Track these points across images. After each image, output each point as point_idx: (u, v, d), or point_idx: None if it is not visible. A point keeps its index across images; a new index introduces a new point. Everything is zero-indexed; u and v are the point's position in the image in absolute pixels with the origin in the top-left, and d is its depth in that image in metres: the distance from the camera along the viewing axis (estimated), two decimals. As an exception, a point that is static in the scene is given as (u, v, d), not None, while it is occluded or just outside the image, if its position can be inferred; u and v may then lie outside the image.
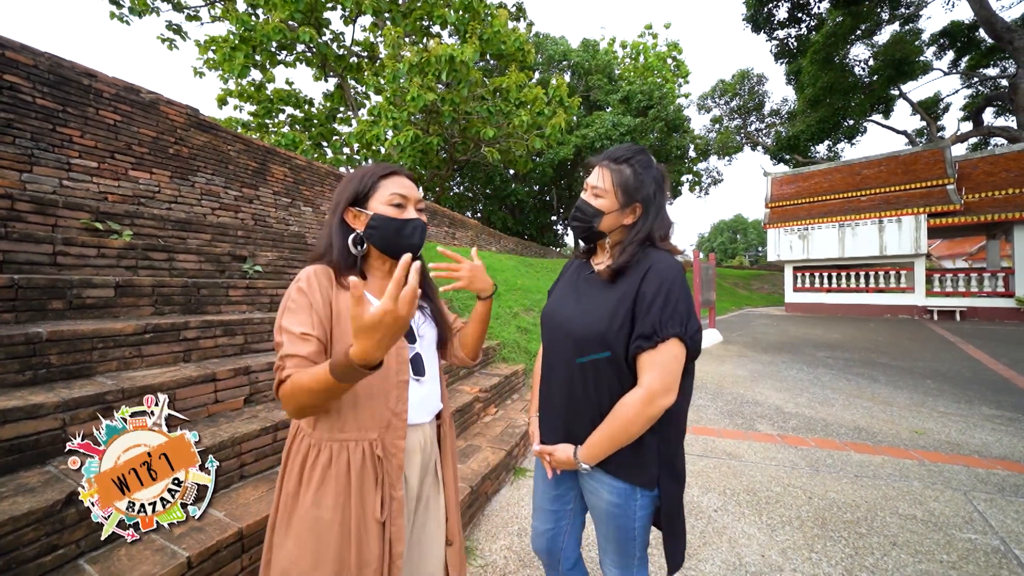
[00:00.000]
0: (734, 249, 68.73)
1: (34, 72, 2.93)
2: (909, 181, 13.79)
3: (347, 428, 0.86)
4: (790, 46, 21.16)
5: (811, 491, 2.43)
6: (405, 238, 0.94)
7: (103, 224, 2.30)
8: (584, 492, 1.10)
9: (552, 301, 1.16)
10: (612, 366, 0.96)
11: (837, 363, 6.04)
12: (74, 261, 2.00)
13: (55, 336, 1.53)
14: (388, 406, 0.89)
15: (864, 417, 3.74)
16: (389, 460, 0.88)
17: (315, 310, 0.85)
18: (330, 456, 0.85)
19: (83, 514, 1.21)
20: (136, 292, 2.00)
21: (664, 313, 0.91)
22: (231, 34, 10.99)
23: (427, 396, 0.99)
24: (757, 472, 2.67)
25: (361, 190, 0.94)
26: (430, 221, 8.77)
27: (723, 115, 26.85)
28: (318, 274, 0.89)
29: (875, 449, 3.05)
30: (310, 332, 0.83)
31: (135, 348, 1.77)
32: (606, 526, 1.05)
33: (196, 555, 1.23)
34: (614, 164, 1.01)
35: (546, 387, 1.13)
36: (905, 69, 18.41)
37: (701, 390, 4.59)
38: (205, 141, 4.16)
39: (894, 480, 2.57)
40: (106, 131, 3.32)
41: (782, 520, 2.13)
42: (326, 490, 0.83)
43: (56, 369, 1.54)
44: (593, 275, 1.09)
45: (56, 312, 1.74)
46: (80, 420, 1.41)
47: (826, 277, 14.67)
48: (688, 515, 2.17)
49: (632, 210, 1.02)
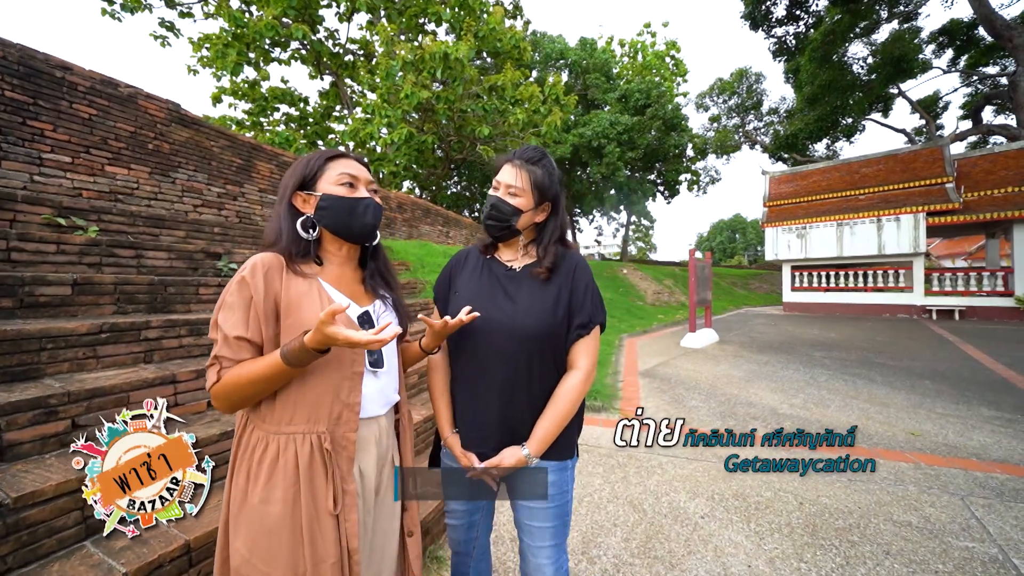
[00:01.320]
0: (733, 248, 68.75)
1: (3, 64, 2.84)
2: (908, 180, 13.71)
3: (295, 421, 0.83)
4: (788, 44, 21.07)
5: (802, 496, 2.35)
6: (358, 217, 0.92)
7: (66, 219, 2.21)
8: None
9: (467, 299, 1.07)
10: (552, 357, 1.04)
11: (834, 363, 5.97)
12: (30, 257, 1.91)
13: (-3, 336, 1.45)
14: (340, 398, 0.86)
15: (860, 418, 3.66)
16: (339, 453, 0.84)
17: (254, 306, 0.81)
18: (277, 450, 0.81)
19: (11, 527, 1.12)
20: (96, 290, 1.92)
21: (593, 303, 1.06)
22: (224, 31, 10.90)
23: (383, 388, 0.95)
24: (747, 476, 2.58)
25: (308, 173, 0.91)
26: (423, 219, 8.69)
27: (721, 114, 26.76)
28: (265, 263, 0.84)
29: (870, 452, 2.97)
30: (244, 335, 0.80)
31: (89, 348, 1.68)
32: (546, 509, 1.05)
33: (134, 571, 1.15)
34: (529, 164, 1.07)
35: (471, 394, 1.07)
36: (904, 67, 18.32)
37: (694, 390, 4.51)
38: (187, 137, 4.07)
39: (889, 484, 2.49)
40: (80, 125, 3.23)
41: (771, 527, 2.05)
42: (274, 485, 0.80)
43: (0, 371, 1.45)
44: (517, 273, 1.10)
45: (4, 311, 1.65)
46: (18, 426, 1.32)
47: (824, 276, 14.59)
48: (673, 522, 2.09)
49: (543, 208, 1.10)
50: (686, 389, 4.56)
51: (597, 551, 1.86)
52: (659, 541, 1.94)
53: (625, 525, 2.07)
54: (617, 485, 2.47)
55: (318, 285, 0.87)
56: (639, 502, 2.28)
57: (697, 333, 7.39)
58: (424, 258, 5.50)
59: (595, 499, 2.30)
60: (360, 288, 0.97)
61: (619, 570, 1.74)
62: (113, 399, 1.54)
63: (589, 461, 2.79)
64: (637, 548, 1.88)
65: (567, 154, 18.55)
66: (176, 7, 11.90)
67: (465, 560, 1.20)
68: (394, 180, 13.29)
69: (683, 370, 5.47)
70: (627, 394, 4.34)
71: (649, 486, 2.46)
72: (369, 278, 1.00)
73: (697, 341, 7.25)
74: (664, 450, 2.96)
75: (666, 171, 22.76)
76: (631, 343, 7.55)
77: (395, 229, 7.85)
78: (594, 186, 21.06)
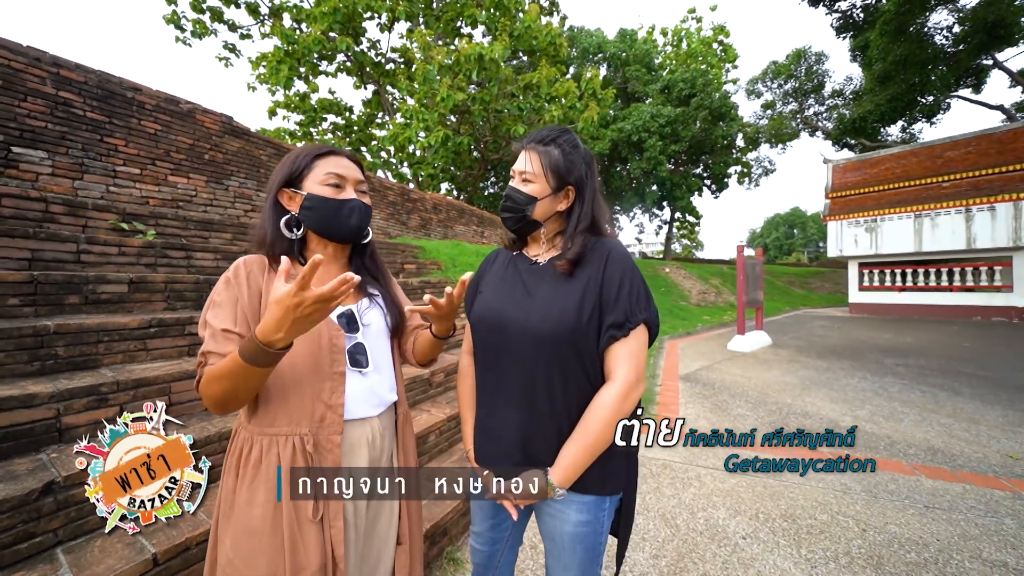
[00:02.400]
0: (790, 245, 63.85)
1: (85, 88, 3.20)
2: (1005, 163, 11.90)
3: (277, 422, 0.82)
4: (855, 18, 19.05)
5: (866, 522, 2.06)
6: (343, 220, 0.89)
7: (129, 224, 2.44)
8: (541, 519, 0.95)
9: (488, 298, 0.99)
10: (581, 364, 0.87)
11: (909, 372, 5.29)
12: (96, 259, 2.12)
13: (62, 329, 1.60)
14: (321, 399, 0.83)
15: (941, 436, 3.20)
16: (323, 456, 0.82)
17: (240, 304, 0.82)
18: (260, 451, 0.81)
19: (61, 504, 1.23)
20: (149, 288, 2.09)
21: (632, 298, 0.87)
22: (277, 49, 11.72)
23: (372, 388, 0.91)
24: (799, 494, 2.32)
25: (295, 170, 0.89)
26: (458, 220, 8.80)
27: (776, 99, 24.77)
28: (248, 264, 0.86)
29: (953, 475, 2.57)
30: (231, 328, 0.80)
31: (140, 342, 1.82)
32: (571, 552, 0.90)
33: (163, 552, 1.21)
34: (541, 146, 0.93)
35: (488, 404, 0.97)
36: (1000, 33, 15.91)
37: (741, 398, 4.17)
38: (238, 147, 4.39)
39: (978, 515, 2.13)
40: (147, 139, 3.58)
41: (826, 555, 1.81)
42: (257, 487, 0.79)
43: (63, 361, 1.60)
44: (540, 267, 0.97)
45: (72, 307, 1.83)
46: (74, 411, 1.45)
47: (899, 274, 13.06)
48: (710, 541, 1.92)
49: (565, 194, 0.95)
50: (731, 396, 4.23)
51: (623, 567, 1.74)
52: (692, 561, 1.78)
53: (655, 540, 1.92)
54: (648, 496, 2.32)
55: None
56: (672, 516, 2.12)
57: (746, 335, 6.87)
58: (457, 258, 5.55)
59: (623, 510, 2.17)
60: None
61: (645, 590, 1.62)
62: (156, 388, 1.65)
63: (619, 468, 2.64)
64: (667, 567, 1.74)
65: (605, 150, 18.04)
66: (237, 30, 13.00)
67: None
68: (432, 182, 13.63)
69: (729, 375, 5.09)
70: (664, 399, 4.10)
71: (684, 499, 2.28)
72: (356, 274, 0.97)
73: (746, 344, 6.74)
74: (703, 461, 2.74)
75: (713, 164, 21.48)
76: (672, 345, 7.18)
77: (431, 230, 8.02)
78: (635, 182, 20.34)
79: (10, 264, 1.85)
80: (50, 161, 3.01)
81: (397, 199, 7.27)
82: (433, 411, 2.59)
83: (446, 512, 1.84)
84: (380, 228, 6.73)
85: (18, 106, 2.88)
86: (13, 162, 2.84)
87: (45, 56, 3.06)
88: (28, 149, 2.91)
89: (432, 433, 2.41)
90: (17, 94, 2.87)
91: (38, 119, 2.97)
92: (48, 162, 3.00)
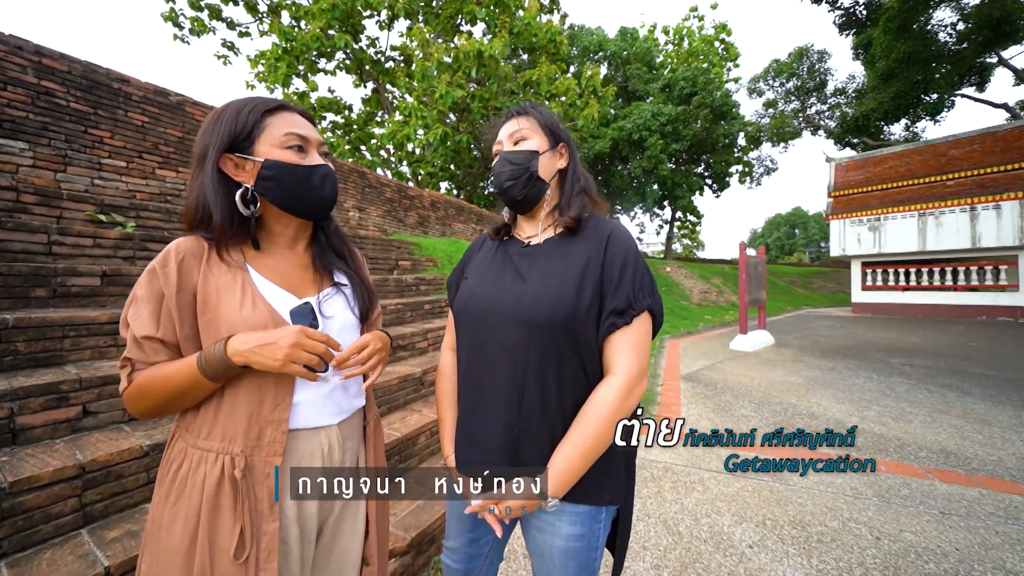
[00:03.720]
0: (792, 245, 63.71)
1: (68, 78, 3.10)
2: (1010, 161, 11.75)
3: (212, 434, 0.69)
4: (858, 15, 18.89)
5: (880, 530, 1.95)
6: (314, 190, 0.76)
7: (107, 216, 2.34)
8: (526, 529, 0.84)
9: (474, 285, 0.90)
10: (578, 356, 0.78)
11: (916, 371, 5.17)
12: (69, 251, 2.02)
13: (22, 323, 1.50)
14: (262, 413, 0.70)
15: (952, 438, 3.08)
16: (257, 483, 0.68)
17: (166, 301, 0.69)
18: (189, 467, 0.68)
19: (6, 512, 1.12)
20: (125, 282, 1.98)
21: (636, 283, 0.78)
22: (275, 46, 11.63)
23: (331, 395, 0.77)
24: (808, 500, 2.21)
25: (240, 131, 0.72)
26: (456, 217, 8.69)
27: (778, 98, 24.61)
28: (180, 250, 0.70)
29: (968, 479, 2.46)
30: (154, 335, 0.68)
31: (110, 337, 1.72)
32: (562, 570, 0.80)
33: (116, 565, 1.11)
34: (528, 110, 0.91)
35: (471, 402, 0.86)
36: (1006, 30, 15.75)
37: (744, 398, 4.06)
38: (230, 140, 4.29)
39: (997, 522, 2.02)
40: (134, 132, 3.48)
41: (839, 566, 1.70)
42: (179, 508, 0.67)
43: (22, 356, 1.50)
44: (533, 248, 0.89)
45: (39, 300, 1.73)
46: (31, 410, 1.35)
47: (902, 274, 12.92)
48: (714, 549, 1.81)
49: (560, 152, 0.91)
50: (734, 396, 4.12)
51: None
52: (696, 572, 1.67)
53: (656, 549, 1.81)
54: (649, 501, 2.21)
55: (244, 276, 0.72)
56: (674, 523, 2.01)
57: (749, 335, 6.75)
58: (453, 255, 5.45)
59: (623, 515, 2.06)
60: (307, 274, 0.81)
61: (646, 603, 1.51)
62: (123, 387, 1.55)
63: (619, 471, 2.54)
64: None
65: (606, 149, 17.94)
66: (236, 28, 12.91)
67: None
68: (431, 181, 13.53)
69: (731, 375, 4.98)
70: (666, 399, 3.99)
71: (687, 505, 2.17)
72: (318, 257, 0.83)
73: (749, 343, 6.63)
74: (707, 464, 2.63)
75: (714, 163, 21.36)
76: (673, 345, 7.06)
77: (429, 227, 7.92)
78: (635, 181, 20.22)
79: (-26, 255, 1.75)
80: (31, 152, 2.91)
81: (394, 196, 7.17)
82: (424, 411, 2.48)
83: (434, 519, 1.74)
84: (376, 225, 6.63)
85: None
86: (-9, 153, 2.74)
87: (27, 44, 2.96)
88: (7, 140, 2.81)
89: (423, 434, 2.31)
90: (-4, 83, 2.78)
91: (18, 108, 2.87)
92: (29, 153, 2.90)
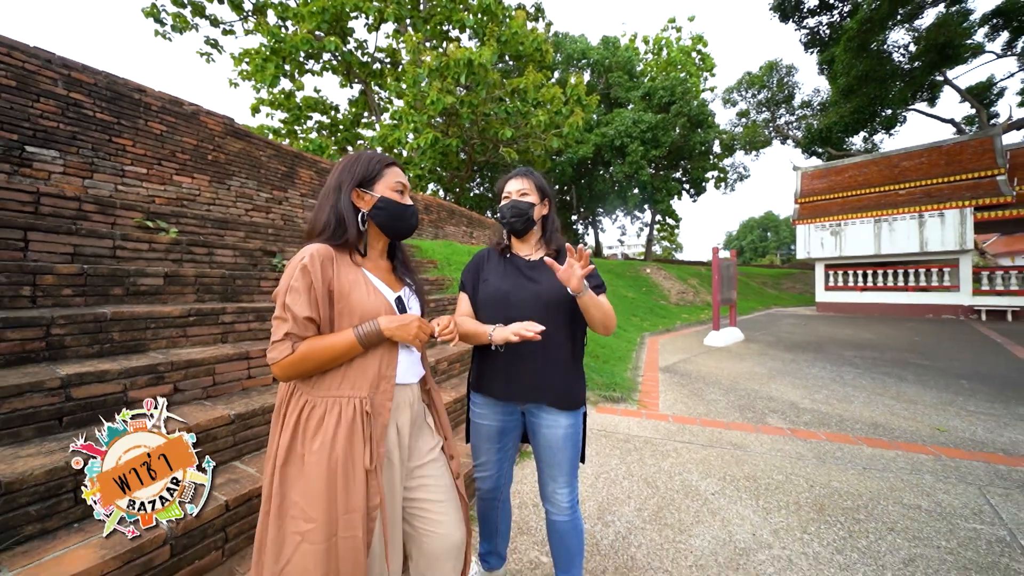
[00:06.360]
0: (764, 247, 66.19)
1: (94, 89, 3.30)
2: (954, 172, 12.95)
3: (343, 387, 0.99)
4: (821, 34, 20.20)
5: (814, 480, 2.44)
6: (406, 220, 1.14)
7: (153, 223, 2.59)
8: (537, 430, 1.34)
9: (495, 284, 1.37)
10: (571, 320, 1.33)
11: (864, 362, 5.84)
12: (130, 254, 2.28)
13: (117, 316, 1.79)
14: (380, 370, 1.03)
15: (884, 414, 3.65)
16: (376, 417, 0.99)
17: (314, 291, 0.96)
18: (324, 411, 0.96)
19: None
20: (181, 281, 2.27)
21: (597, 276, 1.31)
22: (263, 46, 11.62)
23: (414, 361, 1.14)
24: (761, 461, 2.69)
25: (368, 174, 1.08)
26: (448, 220, 9.01)
27: (750, 108, 25.93)
28: (320, 253, 0.98)
29: (890, 444, 2.99)
30: (312, 316, 0.96)
31: (181, 329, 2.01)
32: (563, 451, 1.31)
33: (233, 500, 1.43)
34: (526, 174, 1.41)
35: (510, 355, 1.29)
36: (950, 53, 17.22)
37: (714, 385, 4.57)
38: (240, 148, 4.51)
39: (904, 473, 2.54)
40: (154, 140, 3.68)
41: (779, 504, 2.16)
42: (316, 441, 0.94)
43: (118, 344, 1.79)
44: (535, 262, 1.40)
45: (116, 297, 2.01)
46: (138, 386, 1.64)
47: (860, 275, 13.99)
48: (684, 497, 2.24)
49: (544, 204, 1.43)
50: (706, 384, 4.62)
51: (611, 517, 2.04)
52: (670, 512, 2.10)
53: (639, 498, 2.23)
54: (633, 465, 2.63)
55: (363, 275, 1.05)
56: (653, 480, 2.44)
57: (721, 332, 7.35)
58: (450, 257, 5.78)
59: (611, 476, 2.48)
60: (392, 276, 1.17)
61: (631, 533, 1.92)
62: (204, 369, 1.85)
63: (607, 445, 2.95)
64: (649, 516, 2.05)
65: (589, 154, 18.53)
66: (219, 25, 12.80)
67: (493, 504, 1.46)
68: (419, 183, 13.74)
69: (704, 367, 5.51)
70: (646, 388, 4.46)
71: (663, 467, 2.61)
72: (399, 266, 1.20)
73: (721, 339, 7.22)
74: (680, 438, 3.08)
75: (692, 169, 22.32)
76: (653, 341, 7.59)
77: (422, 230, 8.20)
78: (617, 185, 20.92)
79: (55, 258, 2.00)
80: (62, 160, 3.11)
81: (389, 199, 7.42)
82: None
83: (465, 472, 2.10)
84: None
85: (31, 107, 2.97)
86: (27, 161, 2.93)
87: (55, 58, 3.15)
88: (41, 148, 3.00)
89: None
90: (31, 95, 2.97)
91: (50, 119, 3.06)
92: (60, 161, 3.10)
